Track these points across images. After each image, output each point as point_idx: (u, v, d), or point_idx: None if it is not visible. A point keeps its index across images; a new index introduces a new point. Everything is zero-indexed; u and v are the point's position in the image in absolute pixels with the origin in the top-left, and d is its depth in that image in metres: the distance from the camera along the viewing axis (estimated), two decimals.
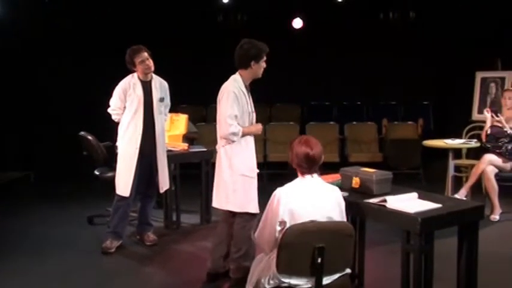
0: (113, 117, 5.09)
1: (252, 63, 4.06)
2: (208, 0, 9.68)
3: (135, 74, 5.02)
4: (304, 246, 2.88)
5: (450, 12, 8.84)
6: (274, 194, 3.08)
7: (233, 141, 3.98)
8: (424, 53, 9.24)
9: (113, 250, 5.01)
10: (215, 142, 4.18)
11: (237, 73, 4.13)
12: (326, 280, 2.97)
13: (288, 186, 3.12)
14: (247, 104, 4.08)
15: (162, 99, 5.10)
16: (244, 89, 4.08)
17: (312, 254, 2.88)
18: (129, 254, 5.03)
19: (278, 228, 3.00)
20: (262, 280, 3.05)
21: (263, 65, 4.12)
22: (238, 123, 3.98)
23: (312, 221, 2.98)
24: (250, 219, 4.04)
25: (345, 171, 3.79)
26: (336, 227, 3.02)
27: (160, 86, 5.11)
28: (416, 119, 9.00)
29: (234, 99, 3.98)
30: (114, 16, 8.70)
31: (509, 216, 6.08)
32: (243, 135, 4.02)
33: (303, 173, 3.14)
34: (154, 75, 5.09)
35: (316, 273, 2.91)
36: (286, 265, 2.92)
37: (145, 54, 4.94)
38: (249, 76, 4.12)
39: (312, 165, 3.10)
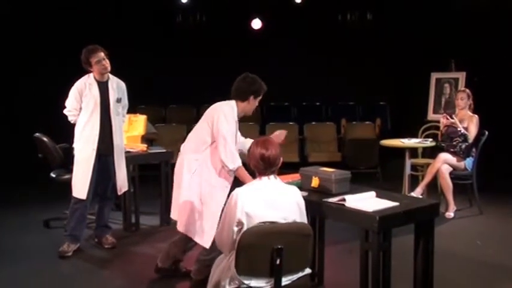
0: (69, 118, 4.99)
1: (251, 98, 4.01)
2: (166, 0, 9.61)
3: (91, 75, 4.94)
4: (263, 248, 2.87)
5: (406, 14, 9.04)
6: (231, 195, 3.05)
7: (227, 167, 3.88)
8: (381, 54, 9.42)
9: (70, 254, 4.92)
10: (174, 143, 4.14)
11: (233, 101, 4.03)
12: (286, 281, 2.97)
13: (246, 187, 3.09)
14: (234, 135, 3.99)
15: (119, 100, 5.03)
16: (236, 119, 4.00)
17: (271, 256, 2.87)
18: (87, 258, 4.94)
19: (235, 229, 2.98)
20: (222, 282, 3.04)
21: (256, 103, 4.07)
22: None
23: (272, 222, 2.98)
24: None
25: (304, 171, 3.82)
26: (294, 228, 3.01)
27: (117, 87, 5.03)
28: (374, 119, 9.16)
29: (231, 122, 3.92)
30: (70, 15, 8.54)
31: (463, 214, 6.24)
32: (237, 173, 3.89)
33: (260, 175, 3.10)
34: (111, 76, 5.02)
35: (275, 274, 2.91)
36: (245, 267, 2.91)
37: (102, 54, 4.86)
38: (242, 109, 4.04)
39: (267, 166, 3.06)
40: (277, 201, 3.02)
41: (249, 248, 2.88)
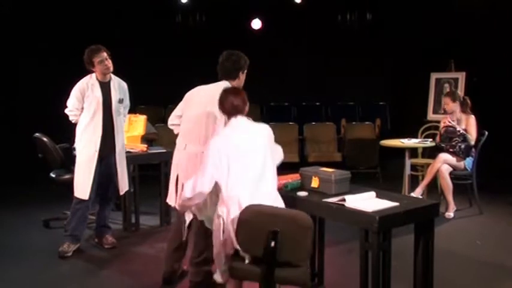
0: (71, 118, 4.99)
1: (240, 73, 4.06)
2: (166, 0, 9.61)
3: (94, 75, 4.94)
4: (260, 227, 2.98)
5: (406, 14, 9.04)
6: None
7: None
8: (381, 54, 9.41)
9: (70, 254, 4.92)
10: (174, 143, 4.12)
11: (226, 82, 4.02)
12: (284, 273, 3.02)
13: (218, 135, 3.53)
14: None
15: (121, 100, 5.03)
16: None
17: (266, 237, 2.93)
18: (87, 258, 4.94)
19: (211, 165, 3.27)
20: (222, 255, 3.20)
21: (245, 76, 4.15)
22: None
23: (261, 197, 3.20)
24: None
25: (304, 171, 3.83)
26: (292, 215, 3.07)
27: (119, 87, 5.03)
28: (374, 119, 9.16)
29: None
30: (72, 15, 8.54)
31: (462, 214, 6.25)
32: None
33: (229, 118, 3.55)
34: (113, 76, 5.02)
35: (268, 256, 2.95)
36: (245, 243, 3.05)
37: (105, 54, 4.86)
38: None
39: (237, 112, 3.55)
40: (247, 141, 3.45)
41: (247, 224, 3.02)
